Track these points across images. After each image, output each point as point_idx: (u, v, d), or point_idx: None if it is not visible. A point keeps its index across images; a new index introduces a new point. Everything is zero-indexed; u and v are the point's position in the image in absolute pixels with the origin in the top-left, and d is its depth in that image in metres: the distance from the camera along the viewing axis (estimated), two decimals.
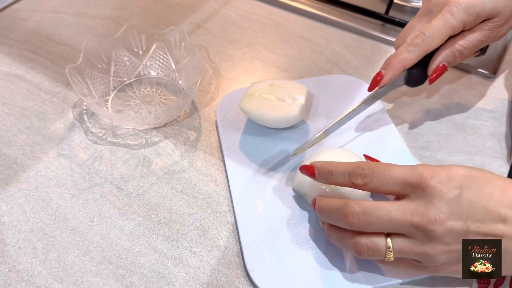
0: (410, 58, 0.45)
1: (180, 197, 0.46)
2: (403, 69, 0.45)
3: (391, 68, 0.45)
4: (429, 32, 0.44)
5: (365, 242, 0.35)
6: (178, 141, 0.51)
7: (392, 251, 0.34)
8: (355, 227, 0.35)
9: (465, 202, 0.32)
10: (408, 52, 0.44)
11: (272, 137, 0.51)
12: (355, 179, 0.36)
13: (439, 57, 0.45)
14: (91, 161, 0.49)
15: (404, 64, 0.45)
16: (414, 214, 0.33)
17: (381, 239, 0.35)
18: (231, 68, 0.60)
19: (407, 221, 0.33)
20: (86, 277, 0.41)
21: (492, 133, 0.52)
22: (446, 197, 0.32)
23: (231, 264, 0.41)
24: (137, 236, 0.43)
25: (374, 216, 0.34)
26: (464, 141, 0.51)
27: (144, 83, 0.57)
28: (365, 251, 0.35)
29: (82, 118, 0.54)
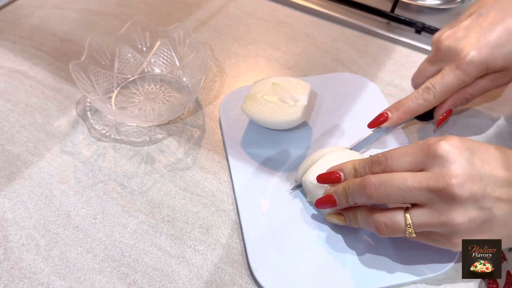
0: (418, 110, 0.46)
1: (184, 195, 0.46)
2: (410, 117, 0.47)
3: (398, 113, 0.47)
4: (440, 87, 0.45)
5: (383, 220, 0.36)
6: (182, 139, 0.51)
7: (411, 226, 0.35)
8: (374, 199, 0.35)
9: (477, 163, 0.33)
10: (418, 104, 0.46)
11: (275, 136, 0.51)
12: (373, 168, 0.37)
13: (447, 104, 0.47)
14: (94, 158, 0.49)
15: (411, 114, 0.47)
16: (430, 180, 0.33)
17: (400, 214, 0.35)
18: (235, 65, 0.60)
19: (423, 187, 0.33)
20: (89, 275, 0.40)
21: (498, 133, 0.51)
22: (459, 159, 0.33)
23: (235, 263, 0.41)
24: (141, 233, 0.43)
25: (390, 186, 0.34)
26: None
27: (148, 80, 0.57)
28: (384, 229, 0.36)
29: (86, 115, 0.54)
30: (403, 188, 0.34)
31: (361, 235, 0.42)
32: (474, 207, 0.33)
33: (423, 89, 0.46)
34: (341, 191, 0.39)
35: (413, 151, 0.35)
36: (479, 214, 0.33)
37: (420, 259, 0.40)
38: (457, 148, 0.33)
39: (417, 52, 0.61)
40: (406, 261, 0.40)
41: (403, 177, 0.34)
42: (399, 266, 0.40)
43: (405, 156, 0.36)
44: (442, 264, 0.40)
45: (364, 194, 0.36)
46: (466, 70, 0.43)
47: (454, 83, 0.44)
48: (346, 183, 0.39)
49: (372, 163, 0.38)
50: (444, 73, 0.45)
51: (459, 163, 0.33)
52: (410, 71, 0.58)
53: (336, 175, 0.40)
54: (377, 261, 0.40)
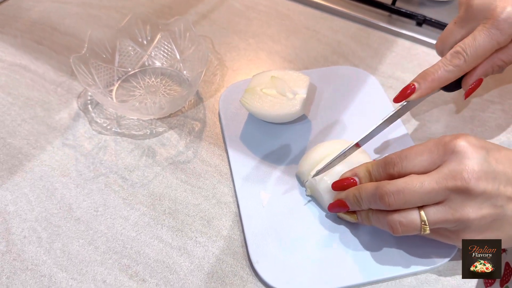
0: (449, 78, 0.41)
1: (185, 188, 0.46)
2: (439, 87, 0.42)
3: (426, 84, 0.42)
4: (472, 50, 0.40)
5: (397, 219, 0.35)
6: (183, 132, 0.51)
7: (427, 224, 0.34)
8: (394, 207, 0.35)
9: (492, 162, 0.33)
10: (447, 71, 0.41)
11: (274, 129, 0.51)
12: (388, 170, 0.37)
13: (477, 72, 0.42)
14: (95, 151, 0.49)
15: (441, 83, 0.42)
16: (447, 179, 0.33)
17: (415, 213, 0.35)
18: (236, 59, 0.60)
19: (441, 187, 0.33)
20: (90, 267, 0.41)
21: (500, 126, 0.51)
22: (476, 156, 0.33)
23: (236, 255, 0.41)
24: (142, 226, 0.43)
25: (408, 192, 0.34)
26: (471, 133, 0.50)
27: (148, 73, 0.57)
28: (399, 228, 0.36)
29: (87, 108, 0.54)
30: (422, 192, 0.34)
31: (362, 227, 0.42)
32: (487, 205, 0.33)
33: (452, 54, 0.41)
34: (352, 197, 0.39)
35: (429, 149, 0.35)
36: (491, 211, 0.33)
37: (421, 251, 0.40)
38: (474, 146, 0.34)
39: (418, 44, 0.61)
40: (407, 252, 0.40)
41: (420, 181, 0.34)
42: (400, 258, 0.40)
43: (420, 155, 0.35)
44: (442, 256, 0.40)
45: (382, 203, 0.35)
46: (502, 29, 0.38)
47: (487, 44, 0.39)
48: (356, 190, 0.38)
49: (386, 164, 0.37)
50: (476, 34, 0.40)
51: (476, 160, 0.33)
52: (411, 63, 0.58)
53: (351, 181, 0.40)
54: (378, 253, 0.40)
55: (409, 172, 0.36)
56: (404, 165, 0.36)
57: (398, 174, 0.36)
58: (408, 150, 0.36)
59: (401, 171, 0.36)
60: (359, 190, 0.38)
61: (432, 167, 0.35)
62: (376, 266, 0.40)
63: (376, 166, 0.38)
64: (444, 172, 0.33)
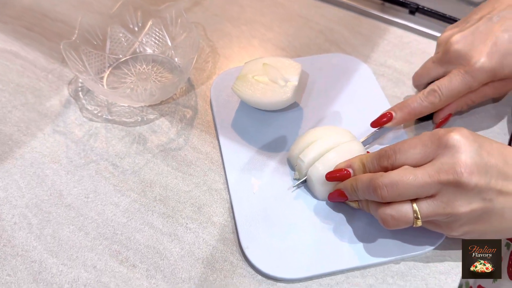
0: (423, 112, 0.46)
1: (176, 175, 0.46)
2: (414, 118, 0.47)
3: (403, 115, 0.46)
4: (446, 91, 0.44)
5: (389, 212, 0.36)
6: (174, 119, 0.51)
7: (420, 217, 0.35)
8: (388, 199, 0.35)
9: (484, 155, 0.34)
10: (423, 107, 0.45)
11: (266, 116, 0.51)
12: (382, 162, 0.37)
13: (449, 108, 0.47)
14: (86, 138, 0.49)
15: (415, 115, 0.46)
16: (440, 172, 0.34)
17: (407, 206, 0.35)
18: (228, 46, 0.60)
19: (434, 180, 0.34)
20: (81, 252, 0.41)
21: (492, 114, 0.51)
22: (469, 150, 0.34)
23: (226, 241, 0.42)
24: (133, 212, 0.43)
25: (402, 185, 0.34)
26: (462, 121, 0.51)
27: (139, 60, 0.57)
28: (390, 222, 0.36)
29: (78, 95, 0.54)
30: (416, 185, 0.34)
31: (352, 213, 0.43)
32: (478, 198, 0.34)
33: (429, 91, 0.45)
34: (350, 188, 0.39)
35: (423, 142, 0.36)
36: (481, 205, 0.34)
37: (410, 236, 0.41)
38: (467, 139, 0.34)
39: (411, 32, 0.61)
40: (396, 238, 0.41)
41: (413, 174, 0.34)
42: (389, 243, 0.40)
43: (414, 147, 0.36)
44: (431, 242, 0.40)
45: (376, 196, 0.36)
46: (475, 76, 0.43)
47: (461, 88, 0.44)
48: (354, 180, 0.39)
49: (380, 157, 0.38)
50: (452, 77, 0.44)
51: (469, 154, 0.33)
52: (403, 52, 0.58)
53: (345, 172, 0.40)
54: (368, 238, 0.41)
55: (402, 165, 0.36)
56: (398, 158, 0.36)
57: (392, 166, 0.37)
58: (402, 143, 0.37)
59: (395, 164, 0.37)
60: (356, 181, 0.38)
61: (425, 160, 0.35)
62: (366, 251, 0.40)
63: (371, 158, 0.39)
64: (437, 165, 0.34)
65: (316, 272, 0.39)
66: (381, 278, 0.39)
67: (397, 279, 0.39)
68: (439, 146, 0.35)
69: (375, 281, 0.39)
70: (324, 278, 0.39)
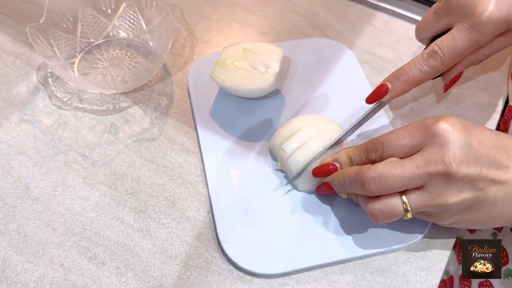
0: (423, 78, 0.39)
1: (149, 167, 0.44)
2: (413, 87, 0.40)
3: (400, 84, 0.39)
4: (449, 51, 0.37)
5: (378, 207, 0.34)
6: (148, 108, 0.49)
7: (410, 210, 0.34)
8: (376, 193, 0.34)
9: (474, 144, 0.32)
10: (422, 72, 0.39)
11: (246, 104, 0.48)
12: (370, 155, 0.36)
13: (458, 67, 0.41)
14: (55, 127, 0.47)
15: (415, 84, 0.39)
16: (428, 163, 0.32)
17: (396, 200, 0.34)
18: (207, 30, 0.57)
19: (423, 172, 0.32)
20: (47, 249, 0.39)
21: (475, 103, 0.50)
22: (457, 139, 0.32)
23: (201, 236, 0.40)
24: (102, 207, 0.41)
25: (390, 177, 0.33)
26: (446, 111, 0.49)
27: (113, 44, 0.54)
28: (380, 216, 0.34)
29: (47, 81, 0.51)
30: (404, 177, 0.32)
31: (334, 205, 0.41)
32: (468, 188, 0.32)
33: (429, 53, 0.38)
34: (336, 182, 0.38)
35: (410, 132, 0.34)
36: (471, 194, 0.33)
37: (391, 230, 0.39)
38: (456, 128, 0.32)
39: (397, 18, 0.59)
40: (376, 232, 0.39)
41: (401, 165, 0.33)
42: (369, 237, 0.39)
43: (402, 139, 0.34)
44: (413, 235, 0.39)
45: (364, 189, 0.34)
46: (483, 30, 0.36)
47: (466, 45, 0.37)
48: (340, 175, 0.37)
49: (368, 150, 0.36)
50: (455, 34, 0.37)
51: (458, 143, 0.32)
52: (388, 38, 0.56)
53: (331, 166, 0.39)
54: (349, 232, 0.40)
55: (390, 156, 0.35)
56: (385, 150, 0.35)
57: (380, 159, 0.36)
58: (389, 134, 0.35)
59: (382, 156, 0.35)
60: (343, 175, 0.37)
61: (413, 150, 0.34)
62: (347, 245, 0.39)
63: (358, 151, 0.37)
64: (425, 156, 0.33)
65: (295, 267, 0.38)
66: (360, 275, 0.38)
67: (376, 275, 0.38)
68: (426, 136, 0.33)
69: (354, 278, 0.38)
70: (301, 275, 0.38)
